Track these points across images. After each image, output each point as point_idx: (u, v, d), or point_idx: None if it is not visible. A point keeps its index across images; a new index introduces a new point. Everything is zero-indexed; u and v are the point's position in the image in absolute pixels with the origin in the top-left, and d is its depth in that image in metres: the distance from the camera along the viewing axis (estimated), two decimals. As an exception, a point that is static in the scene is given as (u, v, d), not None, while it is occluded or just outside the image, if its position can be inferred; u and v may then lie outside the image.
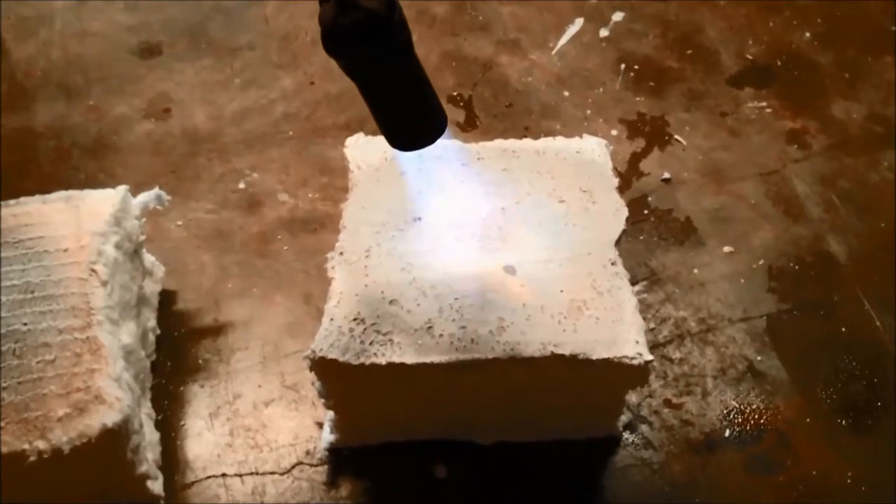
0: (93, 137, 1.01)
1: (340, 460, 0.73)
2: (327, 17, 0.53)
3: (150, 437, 0.70)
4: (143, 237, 0.79)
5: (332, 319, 0.65)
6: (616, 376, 0.65)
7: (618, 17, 1.14)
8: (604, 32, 1.13)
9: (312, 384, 0.69)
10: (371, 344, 0.63)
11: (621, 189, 0.85)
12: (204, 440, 0.74)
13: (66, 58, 1.11)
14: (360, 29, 0.53)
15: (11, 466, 0.59)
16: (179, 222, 0.91)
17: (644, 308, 0.82)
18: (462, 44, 1.11)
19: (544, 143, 0.77)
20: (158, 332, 0.80)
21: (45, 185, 0.88)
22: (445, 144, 0.70)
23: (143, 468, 0.65)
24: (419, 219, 0.71)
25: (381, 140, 0.77)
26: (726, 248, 0.88)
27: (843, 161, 0.96)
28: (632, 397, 0.75)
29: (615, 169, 0.77)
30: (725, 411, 0.75)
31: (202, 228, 0.91)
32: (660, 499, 0.71)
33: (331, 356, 0.63)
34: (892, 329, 0.81)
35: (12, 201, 0.74)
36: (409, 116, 0.60)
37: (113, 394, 0.61)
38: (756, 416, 0.75)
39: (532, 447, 0.73)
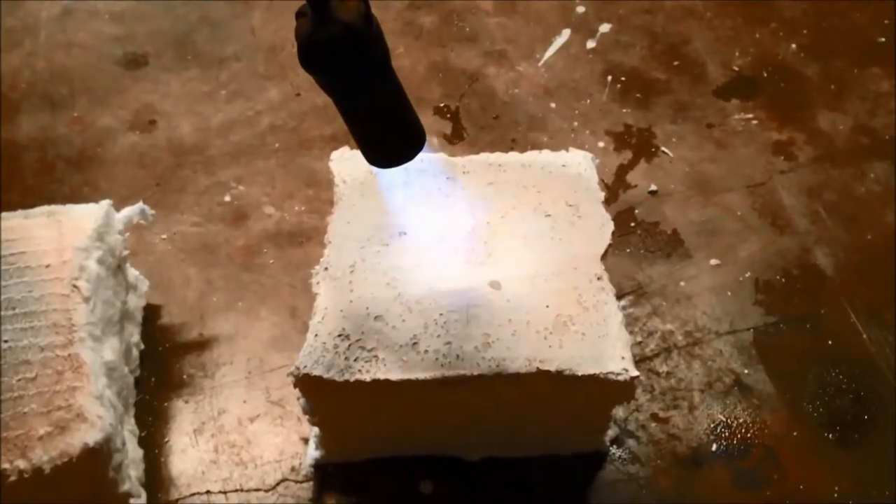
0: (77, 149, 1.00)
1: (326, 476, 0.72)
2: (303, 32, 0.53)
3: (133, 454, 0.70)
4: (126, 252, 0.78)
5: (316, 335, 0.64)
6: (602, 392, 0.64)
7: (605, 28, 1.14)
8: (591, 44, 1.13)
9: (298, 400, 0.68)
10: (356, 360, 0.63)
11: (608, 201, 0.85)
12: (188, 457, 0.74)
13: (51, 69, 1.10)
14: (336, 43, 0.52)
15: (-9, 486, 0.59)
16: (164, 235, 0.90)
17: (631, 321, 0.82)
18: (449, 55, 1.11)
19: (530, 156, 0.77)
20: (142, 347, 0.79)
21: (28, 198, 0.88)
22: (430, 158, 0.71)
23: (125, 486, 0.65)
24: (404, 233, 0.70)
25: (366, 154, 0.77)
26: (713, 261, 0.87)
27: (829, 173, 0.96)
28: (619, 412, 0.75)
29: (602, 181, 0.77)
30: (712, 425, 0.75)
31: (187, 242, 0.90)
32: (647, 514, 0.71)
33: (315, 373, 0.62)
34: (879, 342, 0.81)
35: (-7, 217, 0.73)
36: (387, 133, 0.60)
37: (94, 412, 0.61)
38: (743, 431, 0.75)
39: (519, 463, 0.73)
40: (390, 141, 0.60)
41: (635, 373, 0.63)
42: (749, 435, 0.75)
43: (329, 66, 0.54)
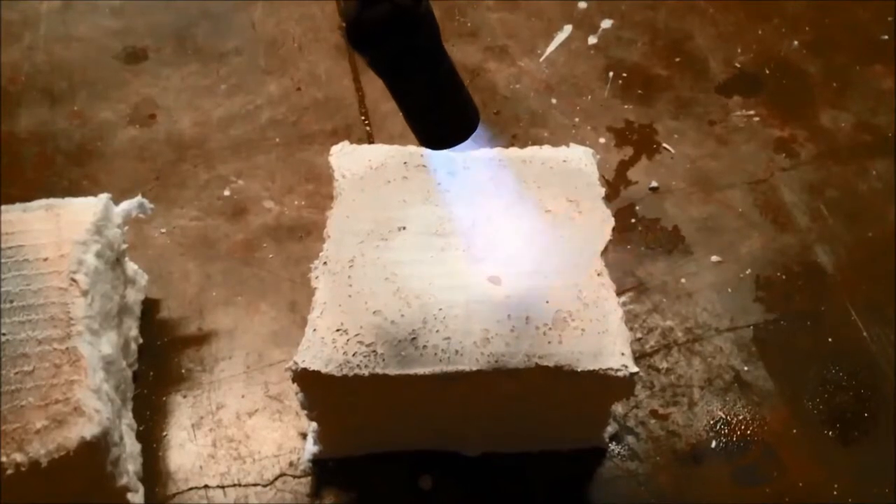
0: (77, 143, 1.00)
1: (324, 472, 0.72)
2: (351, 12, 0.51)
3: (130, 448, 0.69)
4: (125, 245, 0.78)
5: (315, 330, 0.64)
6: (602, 388, 0.64)
7: (606, 24, 1.14)
8: (592, 40, 1.12)
9: (296, 394, 0.68)
10: (354, 355, 0.62)
11: (609, 197, 0.85)
12: (186, 451, 0.73)
13: (51, 62, 1.10)
14: (385, 22, 0.51)
15: (-12, 479, 0.59)
16: (163, 230, 0.90)
17: (631, 318, 0.82)
18: (450, 50, 1.09)
19: (531, 151, 0.77)
20: (141, 341, 0.79)
21: (28, 192, 0.87)
22: (430, 153, 0.70)
23: (123, 481, 0.64)
24: (404, 228, 0.70)
25: (366, 148, 0.77)
26: (714, 258, 0.87)
27: (831, 170, 0.96)
28: (618, 408, 0.75)
29: (602, 177, 0.77)
30: (712, 422, 0.75)
31: (186, 236, 0.90)
32: (646, 511, 0.71)
33: (313, 368, 0.62)
34: (879, 339, 0.80)
35: (-9, 210, 0.73)
36: (440, 114, 0.58)
37: (92, 406, 0.61)
38: (743, 427, 0.75)
39: (518, 458, 0.72)
40: (444, 122, 0.59)
41: (635, 369, 0.62)
42: (749, 432, 0.74)
43: (378, 46, 0.52)
